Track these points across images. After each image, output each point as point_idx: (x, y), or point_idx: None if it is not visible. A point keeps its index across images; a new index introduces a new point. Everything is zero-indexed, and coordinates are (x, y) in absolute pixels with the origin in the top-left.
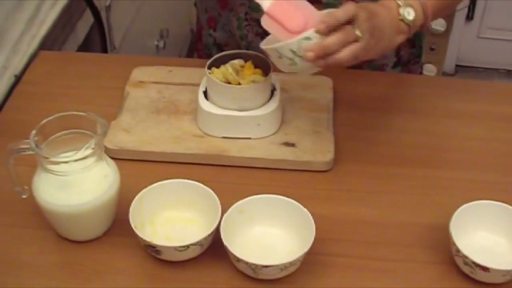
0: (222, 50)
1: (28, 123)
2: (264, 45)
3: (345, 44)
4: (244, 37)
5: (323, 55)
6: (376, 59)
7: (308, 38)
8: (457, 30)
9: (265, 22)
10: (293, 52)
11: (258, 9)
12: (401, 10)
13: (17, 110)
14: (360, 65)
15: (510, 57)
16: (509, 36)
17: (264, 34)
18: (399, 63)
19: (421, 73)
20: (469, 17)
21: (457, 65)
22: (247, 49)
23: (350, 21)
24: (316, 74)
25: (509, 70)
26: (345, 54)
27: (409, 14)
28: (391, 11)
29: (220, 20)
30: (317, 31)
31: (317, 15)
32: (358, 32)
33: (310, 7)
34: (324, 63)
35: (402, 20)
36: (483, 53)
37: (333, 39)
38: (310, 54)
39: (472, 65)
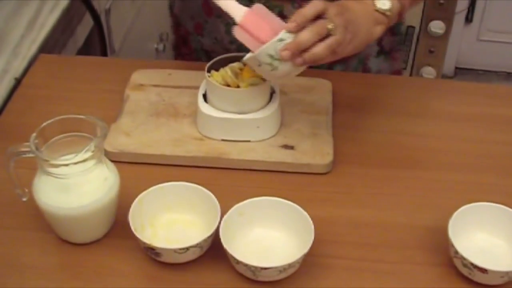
0: (209, 56)
1: (28, 126)
2: (244, 59)
3: (318, 38)
4: (234, 41)
5: (298, 51)
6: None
7: (281, 40)
8: (457, 33)
9: (238, 33)
10: (271, 56)
11: None
12: (376, 1)
13: (18, 113)
14: (347, 58)
15: (510, 60)
16: (509, 38)
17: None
18: (382, 52)
19: (406, 61)
20: (469, 19)
21: (456, 68)
22: (238, 53)
23: (320, 17)
24: (315, 77)
25: (508, 73)
26: (320, 48)
27: (385, 4)
28: (366, 4)
29: (207, 27)
30: (288, 31)
31: (282, 23)
32: (330, 26)
33: (278, 20)
34: (302, 60)
35: (377, 11)
36: (482, 56)
37: (305, 34)
38: (286, 53)
39: (471, 68)
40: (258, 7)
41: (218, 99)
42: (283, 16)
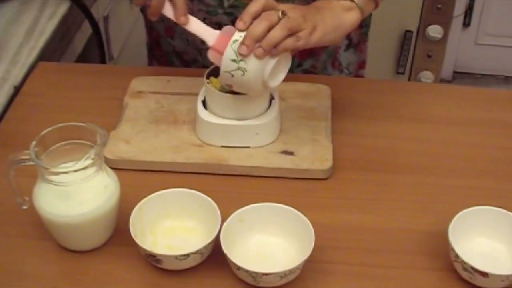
0: (181, 58)
1: (28, 134)
2: (220, 78)
3: (269, 25)
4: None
5: (253, 42)
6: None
7: (236, 40)
8: (454, 37)
9: (211, 56)
10: (234, 60)
11: (216, 13)
12: None
13: (17, 121)
14: (318, 51)
15: (508, 63)
16: (507, 42)
17: None
18: (350, 45)
19: (404, 66)
20: (466, 23)
21: (454, 72)
22: None
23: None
24: (314, 82)
25: (507, 76)
26: (275, 31)
27: None
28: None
29: (177, 29)
30: (239, 29)
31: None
32: (279, 13)
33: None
34: (263, 50)
35: None
36: (480, 60)
37: (253, 25)
38: (242, 48)
39: (469, 72)
40: (229, 28)
41: (217, 105)
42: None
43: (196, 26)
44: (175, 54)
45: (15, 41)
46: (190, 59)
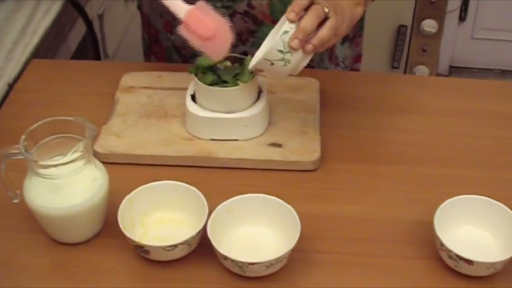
0: (180, 53)
1: (21, 130)
2: (251, 66)
3: (319, 21)
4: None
5: (305, 38)
6: None
7: (286, 32)
8: (450, 31)
9: (182, 31)
10: (281, 51)
11: (215, 6)
12: None
13: (10, 117)
14: None
15: (504, 57)
16: (503, 36)
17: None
18: (346, 38)
19: (399, 60)
20: (462, 18)
21: (451, 66)
22: None
23: (312, 3)
24: (303, 76)
25: (503, 70)
26: (325, 30)
27: None
28: None
29: (175, 24)
30: (290, 21)
31: (223, 20)
32: (326, 9)
33: (219, 16)
34: (312, 47)
35: None
36: (477, 54)
37: (306, 19)
38: (295, 42)
39: (466, 66)
40: (201, 4)
41: (206, 99)
42: (251, 7)
43: None
44: (174, 49)
45: (9, 38)
46: (189, 54)
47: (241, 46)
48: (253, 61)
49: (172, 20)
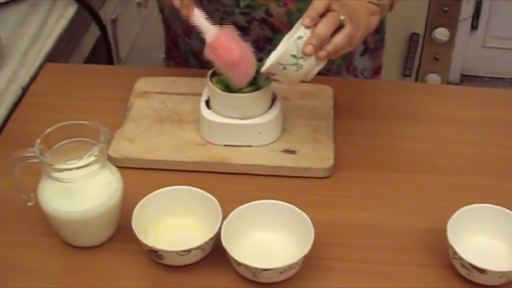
0: (198, 58)
1: (34, 134)
2: (263, 69)
3: (333, 29)
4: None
5: (319, 44)
6: None
7: (300, 37)
8: (462, 40)
9: (208, 52)
10: (294, 56)
11: (232, 13)
12: None
13: (24, 121)
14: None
15: None
16: None
17: (241, 36)
18: (366, 50)
19: (411, 68)
20: (474, 26)
21: (462, 75)
22: None
23: (328, 10)
24: (317, 83)
25: None
26: (339, 38)
27: None
28: None
29: (194, 29)
30: (305, 26)
31: (248, 49)
32: (341, 17)
33: (244, 43)
34: (326, 53)
35: (370, 2)
36: (488, 63)
37: (321, 26)
38: (309, 48)
39: (477, 75)
40: (229, 29)
41: (220, 105)
42: (269, 14)
43: (199, 19)
44: (192, 53)
45: (23, 42)
46: (207, 59)
47: (257, 53)
48: (266, 64)
49: (191, 25)
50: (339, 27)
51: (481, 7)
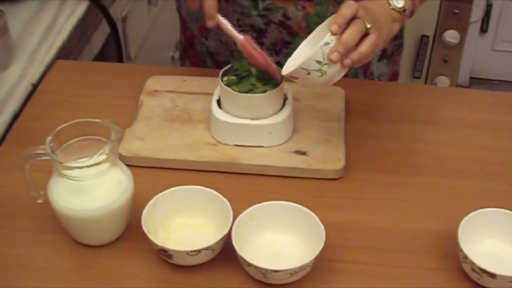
0: (214, 59)
1: (44, 131)
2: (285, 71)
3: (360, 36)
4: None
5: (345, 52)
6: None
7: (327, 43)
8: (472, 43)
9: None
10: (319, 62)
11: (250, 14)
12: (390, 0)
13: (34, 118)
14: None
15: None
16: None
17: (258, 38)
18: (384, 55)
19: (420, 70)
20: (483, 29)
21: (471, 78)
22: (242, 54)
23: (354, 17)
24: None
25: None
26: (365, 46)
27: (399, 3)
28: (382, 3)
29: (211, 29)
30: (332, 33)
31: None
32: (368, 25)
33: (261, 51)
34: (351, 61)
35: (393, 9)
36: (497, 66)
37: (348, 34)
38: (335, 55)
39: (486, 78)
40: (248, 38)
41: (231, 104)
42: (287, 18)
43: (225, 27)
44: (208, 54)
45: (33, 39)
46: (223, 60)
47: (274, 56)
48: (289, 68)
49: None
50: (364, 34)
51: (491, 10)
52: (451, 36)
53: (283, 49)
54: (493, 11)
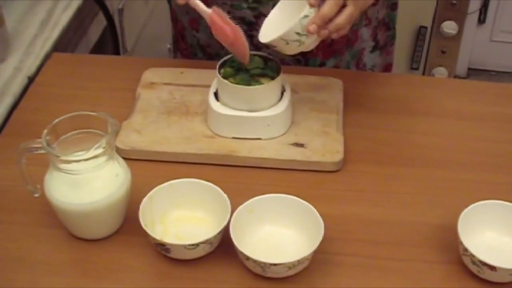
0: (205, 51)
1: (40, 124)
2: (264, 39)
3: (338, 9)
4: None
5: (323, 24)
6: (356, 44)
7: (306, 16)
8: (469, 34)
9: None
10: (298, 33)
11: (240, 7)
12: None
13: (30, 111)
14: (343, 50)
15: None
16: None
17: (249, 31)
18: (377, 47)
19: (418, 61)
20: (481, 20)
21: (469, 68)
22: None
23: None
24: (327, 76)
25: None
26: (342, 18)
27: None
28: None
29: (202, 22)
30: (311, 5)
31: (236, 26)
32: None
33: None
34: (328, 33)
35: None
36: (495, 56)
37: (327, 7)
38: (313, 27)
39: (484, 69)
40: (216, 9)
41: (229, 97)
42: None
43: (195, 2)
44: (199, 47)
45: (30, 32)
46: (214, 52)
47: (265, 49)
48: (268, 37)
49: (197, 18)
50: (342, 6)
51: (489, 1)
52: (449, 27)
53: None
54: (491, 1)
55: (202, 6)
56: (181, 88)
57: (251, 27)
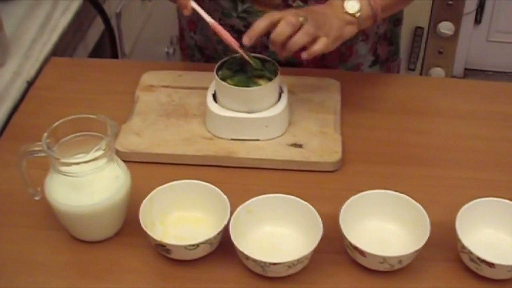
0: (203, 53)
1: (40, 127)
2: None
3: (293, 29)
4: (220, 42)
5: (280, 44)
6: (351, 59)
7: None
8: (466, 34)
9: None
10: None
11: (230, 15)
12: (345, 4)
13: (29, 114)
14: (336, 65)
15: None
16: None
17: (239, 38)
18: (377, 61)
19: (398, 70)
20: (478, 20)
21: (466, 69)
22: (225, 53)
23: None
24: (324, 77)
25: None
26: (298, 36)
27: (353, 7)
28: (335, 7)
29: (199, 24)
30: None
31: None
32: (300, 18)
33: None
34: (287, 51)
35: (346, 12)
36: (492, 57)
37: (279, 26)
38: (244, 38)
39: (481, 69)
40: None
41: (227, 98)
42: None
43: (197, 10)
44: (196, 48)
45: (28, 36)
46: (211, 54)
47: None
48: None
49: (196, 20)
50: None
51: (485, 1)
52: (445, 27)
53: (262, 52)
54: (487, 1)
55: (205, 16)
56: (180, 91)
57: (241, 35)
